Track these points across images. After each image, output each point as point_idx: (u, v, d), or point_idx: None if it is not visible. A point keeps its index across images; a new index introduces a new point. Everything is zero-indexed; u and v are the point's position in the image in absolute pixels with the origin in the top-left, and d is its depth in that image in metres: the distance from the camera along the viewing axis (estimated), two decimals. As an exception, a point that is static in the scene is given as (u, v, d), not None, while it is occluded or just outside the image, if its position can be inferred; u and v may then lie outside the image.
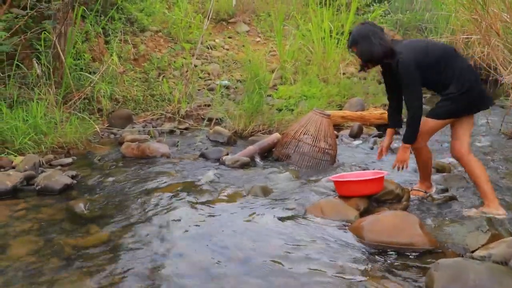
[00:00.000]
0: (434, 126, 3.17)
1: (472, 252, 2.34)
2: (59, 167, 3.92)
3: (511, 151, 4.59)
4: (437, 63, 3.06)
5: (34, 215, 2.99)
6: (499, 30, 5.10)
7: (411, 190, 3.32)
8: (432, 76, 3.07)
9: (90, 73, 5.48)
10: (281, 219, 2.85)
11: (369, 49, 3.07)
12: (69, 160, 4.09)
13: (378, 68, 3.33)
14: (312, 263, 2.32)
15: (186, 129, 5.34)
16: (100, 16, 6.00)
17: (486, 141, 5.01)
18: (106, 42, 6.15)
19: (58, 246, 2.56)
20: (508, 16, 4.91)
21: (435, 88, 3.18)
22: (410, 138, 3.14)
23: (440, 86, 3.11)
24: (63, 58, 4.97)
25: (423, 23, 9.16)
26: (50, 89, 4.78)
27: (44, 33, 4.98)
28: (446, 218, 2.88)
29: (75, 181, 3.57)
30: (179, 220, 2.85)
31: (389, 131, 3.45)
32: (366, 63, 3.19)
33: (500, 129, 5.46)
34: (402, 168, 3.23)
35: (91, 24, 5.79)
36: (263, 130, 5.02)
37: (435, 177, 3.67)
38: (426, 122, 3.15)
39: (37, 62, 4.90)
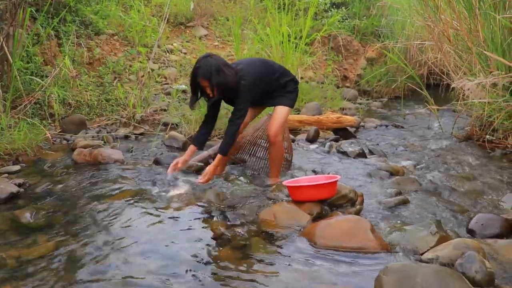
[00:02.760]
0: (289, 113, 3.71)
1: (421, 254, 2.37)
2: (5, 174, 3.76)
3: (462, 153, 4.72)
4: (277, 70, 3.63)
5: (-24, 226, 2.85)
6: (450, 37, 5.26)
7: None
8: (273, 80, 3.59)
9: (42, 77, 5.31)
10: (234, 225, 2.81)
11: (225, 80, 3.28)
12: (17, 167, 3.94)
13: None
14: (263, 269, 2.30)
15: (141, 134, 5.25)
16: (52, 18, 5.82)
17: (438, 144, 5.14)
18: (59, 45, 5.98)
19: (0, 258, 2.44)
20: (458, 24, 5.06)
21: (275, 89, 3.64)
22: (227, 149, 3.46)
23: (280, 87, 3.64)
24: (11, 60, 4.78)
25: (379, 28, 9.35)
26: (-4, 94, 4.60)
27: (-10, 35, 4.78)
28: (398, 221, 2.91)
29: (22, 189, 3.43)
30: (130, 228, 2.77)
31: (192, 148, 3.58)
32: (217, 93, 3.35)
33: (452, 132, 5.61)
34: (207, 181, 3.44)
35: (42, 26, 5.61)
36: (219, 135, 4.99)
37: (389, 180, 3.73)
38: (286, 110, 3.64)
39: (-17, 65, 4.71)
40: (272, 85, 3.61)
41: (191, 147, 3.56)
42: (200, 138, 3.60)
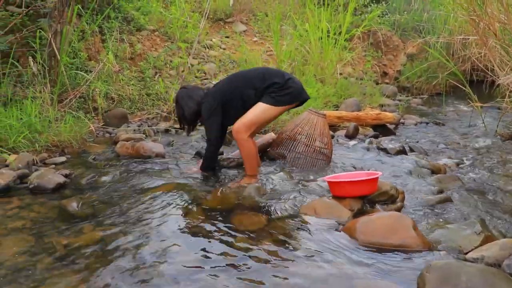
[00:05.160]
0: (269, 111, 3.54)
1: (465, 254, 2.33)
2: (53, 165, 3.90)
3: (507, 152, 4.59)
4: (252, 82, 3.57)
5: (27, 213, 2.97)
6: (496, 31, 5.10)
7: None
8: (250, 93, 3.55)
9: (86, 71, 5.47)
10: (274, 219, 2.83)
11: (178, 113, 3.83)
12: (63, 158, 4.07)
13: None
14: (303, 263, 2.31)
15: (181, 128, 5.31)
16: (97, 15, 5.98)
17: (482, 143, 5.01)
18: (103, 41, 6.13)
19: (50, 245, 2.54)
20: (506, 17, 4.91)
21: (259, 96, 3.55)
22: (208, 168, 3.71)
23: (263, 93, 3.54)
24: (58, 56, 4.94)
25: (420, 23, 9.16)
26: (45, 88, 4.76)
27: (40, 31, 4.96)
28: (440, 220, 2.87)
29: (68, 180, 3.55)
30: (172, 220, 2.83)
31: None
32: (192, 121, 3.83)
33: (496, 131, 5.46)
34: None
35: (87, 23, 5.77)
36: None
37: (430, 178, 3.67)
38: (263, 107, 3.52)
39: (33, 61, 4.88)
40: (251, 96, 3.58)
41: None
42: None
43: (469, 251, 2.34)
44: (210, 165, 3.73)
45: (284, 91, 3.53)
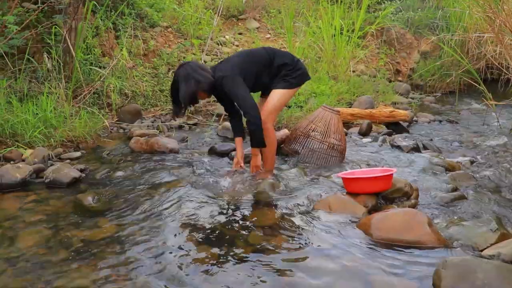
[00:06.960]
0: (286, 95, 3.55)
1: (481, 251, 2.32)
2: (68, 160, 3.94)
3: (522, 151, 4.54)
4: (264, 58, 3.52)
5: (43, 207, 3.01)
6: (513, 28, 5.04)
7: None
8: (262, 69, 3.51)
9: (100, 67, 5.51)
10: (289, 214, 2.84)
11: (200, 84, 3.35)
12: (78, 154, 4.12)
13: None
14: (318, 259, 2.31)
15: (195, 124, 5.35)
16: (111, 11, 6.02)
17: (496, 141, 4.96)
18: (116, 37, 6.16)
19: (66, 238, 2.57)
20: (522, 14, 4.86)
21: (271, 78, 3.55)
22: (259, 142, 3.43)
23: (275, 74, 3.54)
24: (73, 52, 4.99)
25: (434, 21, 9.08)
26: (60, 83, 4.81)
27: (55, 28, 5.00)
28: (455, 217, 2.85)
29: (83, 175, 3.59)
30: (186, 214, 2.85)
31: (237, 140, 3.69)
32: (198, 96, 3.46)
33: (510, 129, 5.40)
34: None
35: (101, 19, 5.81)
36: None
37: (444, 175, 3.64)
38: (280, 93, 3.51)
39: (47, 57, 4.93)
40: (263, 74, 3.53)
41: (238, 140, 3.67)
42: (236, 128, 3.71)
43: (485, 248, 2.32)
44: (262, 139, 3.42)
45: (296, 72, 3.58)
